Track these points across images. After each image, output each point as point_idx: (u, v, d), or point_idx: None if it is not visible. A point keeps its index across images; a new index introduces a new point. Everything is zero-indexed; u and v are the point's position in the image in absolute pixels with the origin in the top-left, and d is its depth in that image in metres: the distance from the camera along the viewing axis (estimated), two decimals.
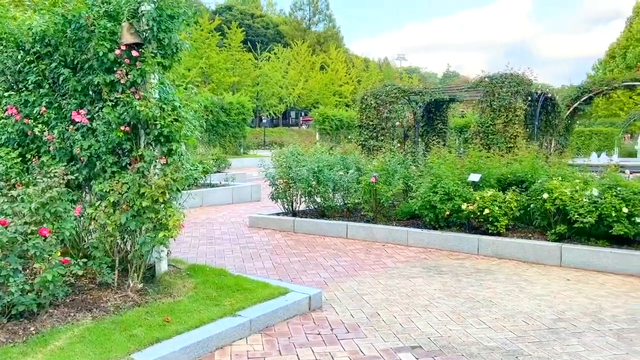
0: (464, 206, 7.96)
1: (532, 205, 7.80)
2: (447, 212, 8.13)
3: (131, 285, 5.10)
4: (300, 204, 10.19)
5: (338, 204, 9.72)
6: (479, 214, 7.83)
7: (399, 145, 12.00)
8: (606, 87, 14.86)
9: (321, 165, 9.77)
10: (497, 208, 7.71)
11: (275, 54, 60.98)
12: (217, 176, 15.56)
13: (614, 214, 6.78)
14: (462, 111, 25.79)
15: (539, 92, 12.31)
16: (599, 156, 22.13)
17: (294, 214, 10.10)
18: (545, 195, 7.37)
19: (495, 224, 7.74)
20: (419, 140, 14.78)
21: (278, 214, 10.24)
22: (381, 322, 4.94)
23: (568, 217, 7.19)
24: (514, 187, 8.42)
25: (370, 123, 13.26)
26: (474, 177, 8.39)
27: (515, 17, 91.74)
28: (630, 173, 8.65)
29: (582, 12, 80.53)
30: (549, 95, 13.07)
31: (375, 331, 4.70)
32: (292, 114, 75.63)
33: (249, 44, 59.15)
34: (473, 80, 12.37)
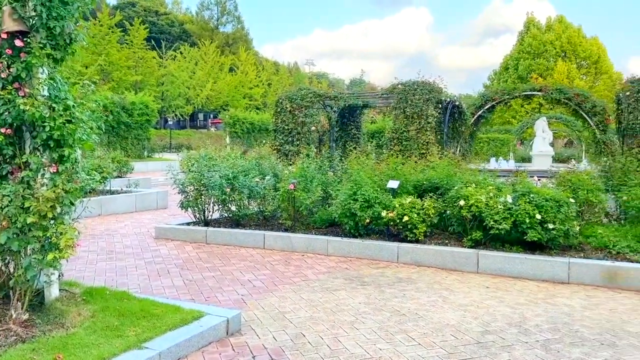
0: (383, 213, 7.83)
1: (448, 212, 7.83)
2: (367, 220, 7.95)
3: (14, 316, 4.30)
4: (213, 212, 9.56)
5: (254, 212, 9.24)
6: (398, 221, 7.73)
7: (315, 150, 11.75)
8: (507, 96, 15.70)
9: (236, 171, 9.24)
10: (415, 215, 7.66)
11: (181, 53, 58.81)
12: (118, 182, 14.40)
13: (527, 221, 6.95)
14: (372, 117, 26.27)
15: (448, 100, 12.66)
16: (497, 161, 23.49)
17: (207, 223, 9.46)
18: (462, 202, 7.42)
19: (414, 231, 7.68)
20: (334, 145, 14.67)
21: (188, 224, 9.54)
22: (307, 344, 4.55)
23: (484, 224, 7.28)
24: (430, 194, 8.46)
25: (286, 127, 12.91)
26: (393, 184, 8.30)
27: (416, 28, 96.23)
28: (538, 179, 9.02)
29: (476, 26, 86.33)
30: (457, 103, 13.50)
31: (301, 356, 4.31)
32: (201, 116, 73.41)
33: (152, 41, 56.50)
34: (385, 88, 12.45)
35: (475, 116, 15.79)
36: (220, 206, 9.35)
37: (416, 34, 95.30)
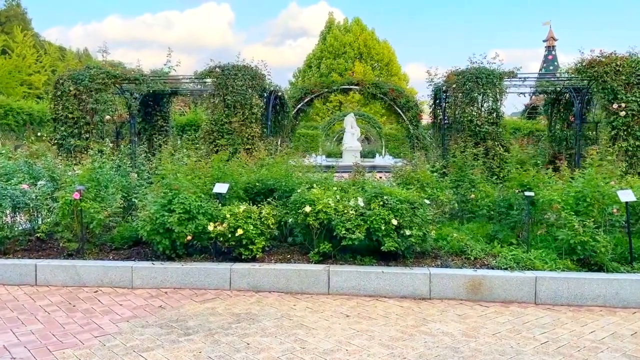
0: (210, 227, 6.03)
1: (291, 220, 6.39)
2: (189, 236, 6.07)
3: None
4: None
5: (20, 233, 6.56)
6: (230, 235, 6.02)
7: (112, 145, 9.27)
8: (327, 90, 15.07)
9: None
10: (252, 227, 6.03)
11: None
12: None
13: (383, 228, 5.86)
14: (181, 109, 23.74)
15: (270, 89, 11.29)
16: (316, 156, 23.21)
17: None
18: (308, 209, 6.03)
19: (251, 247, 6.06)
20: (136, 139, 12.16)
21: None
22: None
23: (334, 233, 6.01)
24: (264, 198, 6.95)
25: (70, 115, 10.03)
26: (221, 188, 6.53)
27: (218, 24, 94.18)
28: (379, 177, 8.16)
29: (276, 27, 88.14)
30: (279, 93, 12.23)
31: None
32: None
33: None
34: (200, 71, 10.53)
35: (296, 109, 14.83)
36: None
37: (219, 30, 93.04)
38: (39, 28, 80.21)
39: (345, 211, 6.03)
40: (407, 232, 5.89)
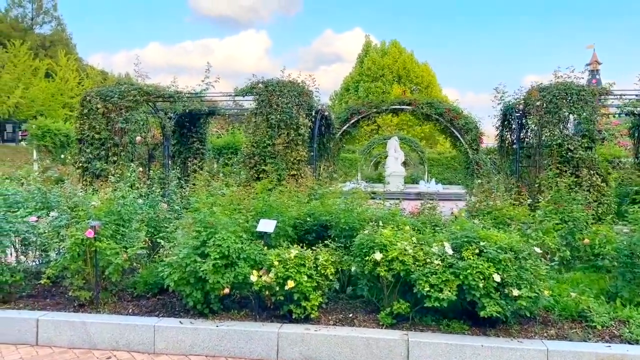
0: (254, 276, 4.73)
1: (354, 269, 5.01)
2: (227, 289, 4.77)
3: None
4: None
5: (23, 277, 5.38)
6: (277, 288, 4.69)
7: (141, 169, 8.15)
8: (375, 110, 13.80)
9: None
10: (306, 278, 4.69)
11: None
12: None
13: (481, 285, 4.43)
14: (217, 132, 22.87)
15: (317, 108, 10.08)
16: (357, 182, 21.83)
17: None
18: (378, 256, 4.66)
19: (304, 303, 4.71)
20: (170, 163, 11.10)
21: None
22: None
23: (414, 290, 4.61)
24: (316, 237, 5.65)
25: (97, 136, 9.03)
26: (267, 226, 5.23)
27: (256, 51, 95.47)
28: (450, 209, 6.73)
29: (310, 53, 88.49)
30: (326, 113, 11.00)
31: None
32: (9, 127, 62.11)
33: None
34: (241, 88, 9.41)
35: (341, 131, 13.58)
36: None
37: (255, 56, 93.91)
38: (84, 54, 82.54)
39: (429, 260, 4.64)
40: (515, 292, 4.43)
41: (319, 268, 4.83)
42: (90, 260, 5.09)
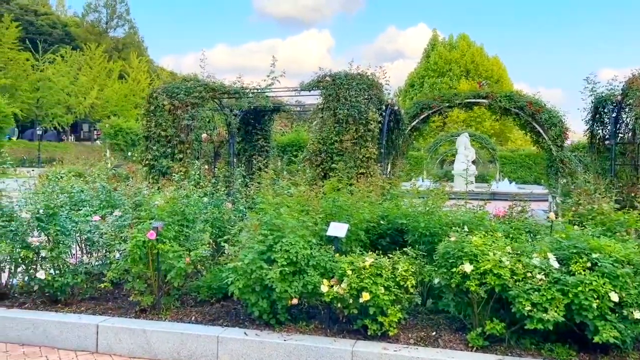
0: (324, 287, 4.25)
1: (437, 281, 4.41)
2: (295, 299, 4.32)
3: None
4: (15, 276, 5.37)
5: (85, 279, 5.17)
6: (351, 301, 4.18)
7: (206, 167, 7.90)
8: (447, 105, 12.97)
9: (53, 205, 5.16)
10: (382, 289, 4.15)
11: (62, 56, 51.68)
12: None
13: (594, 305, 3.71)
14: (281, 129, 22.72)
15: (387, 102, 9.47)
16: (423, 180, 21.00)
17: (1, 296, 5.25)
18: (468, 267, 4.04)
19: (381, 318, 4.17)
20: (235, 161, 10.87)
21: None
22: None
23: (512, 309, 3.96)
24: (390, 242, 5.11)
25: (163, 133, 8.91)
26: (338, 230, 4.74)
27: (318, 50, 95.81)
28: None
29: (373, 50, 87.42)
30: (395, 107, 10.36)
31: None
32: (85, 126, 65.68)
33: (28, 42, 48.84)
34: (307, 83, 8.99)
35: (410, 127, 12.85)
36: (25, 267, 5.18)
37: (318, 56, 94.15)
38: (155, 57, 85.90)
39: (529, 274, 3.97)
40: (636, 314, 3.68)
41: (397, 279, 4.27)
42: (152, 263, 4.80)
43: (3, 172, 5.54)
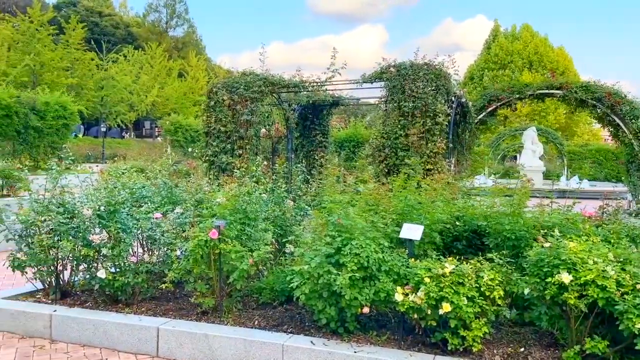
0: (399, 295, 3.86)
1: (528, 292, 3.91)
2: (366, 308, 3.96)
3: None
4: (76, 274, 5.31)
5: (145, 279, 5.01)
6: (428, 312, 3.77)
7: (265, 163, 7.66)
8: (517, 96, 12.19)
9: (114, 202, 5.03)
10: (465, 300, 3.71)
11: (124, 56, 53.62)
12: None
13: None
14: (337, 124, 22.35)
15: (455, 93, 8.90)
16: (485, 177, 20.13)
17: (64, 294, 5.20)
18: (565, 277, 3.53)
19: (463, 332, 3.74)
20: (293, 156, 10.63)
21: (29, 295, 5.25)
22: None
23: (617, 324, 3.43)
24: (466, 245, 4.64)
25: (222, 129, 8.76)
26: (411, 232, 4.33)
27: (372, 44, 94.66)
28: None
29: (429, 44, 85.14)
30: (463, 99, 9.76)
31: None
32: (147, 124, 68.00)
33: (93, 42, 51.04)
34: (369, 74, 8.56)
35: (476, 120, 12.18)
36: (86, 265, 5.10)
37: (371, 50, 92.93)
38: (212, 55, 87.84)
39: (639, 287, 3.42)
40: None
41: (482, 289, 3.82)
42: (213, 263, 4.58)
43: (66, 168, 5.44)
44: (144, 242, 5.38)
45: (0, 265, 5.24)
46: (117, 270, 4.91)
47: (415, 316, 3.85)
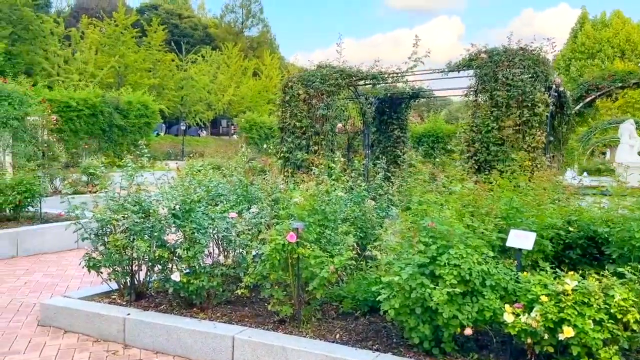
0: (508, 315, 3.26)
1: None
2: (469, 329, 3.40)
3: None
4: (152, 275, 5.12)
5: (220, 282, 4.71)
6: (545, 335, 3.15)
7: (342, 160, 7.21)
8: (620, 84, 10.95)
9: (189, 200, 4.78)
10: (591, 324, 3.06)
11: (203, 56, 55.42)
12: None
13: None
14: (413, 118, 21.49)
15: (554, 81, 8.00)
16: (574, 174, 18.56)
17: (138, 295, 5.03)
18: None
19: None
20: (369, 152, 10.12)
21: (105, 295, 5.13)
22: None
23: None
24: (582, 255, 3.94)
25: (297, 124, 8.42)
26: (521, 240, 3.70)
27: (447, 37, 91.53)
28: None
29: (507, 34, 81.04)
30: (560, 88, 8.79)
31: None
32: (223, 122, 70.04)
33: (173, 44, 53.14)
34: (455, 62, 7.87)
35: (573, 111, 11.06)
36: (160, 267, 4.89)
37: (447, 43, 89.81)
38: (285, 53, 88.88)
39: None
40: None
41: (612, 310, 3.15)
42: (291, 268, 4.18)
43: (141, 166, 5.27)
44: (220, 242, 5.10)
45: (77, 263, 5.16)
46: (192, 272, 4.65)
47: (529, 340, 3.25)
